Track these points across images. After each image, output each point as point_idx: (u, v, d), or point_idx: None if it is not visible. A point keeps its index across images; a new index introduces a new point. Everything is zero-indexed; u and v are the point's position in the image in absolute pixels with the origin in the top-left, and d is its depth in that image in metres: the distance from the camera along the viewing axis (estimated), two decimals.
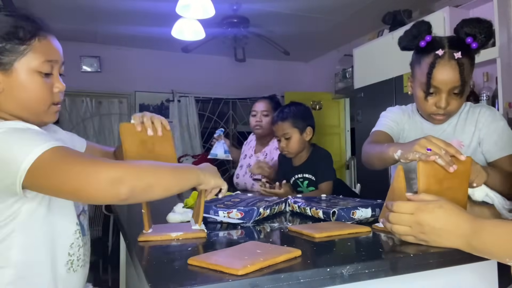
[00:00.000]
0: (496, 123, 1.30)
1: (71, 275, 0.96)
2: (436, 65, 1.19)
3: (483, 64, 2.93)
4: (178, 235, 0.91)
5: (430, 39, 1.23)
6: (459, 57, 1.17)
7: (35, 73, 0.87)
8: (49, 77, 0.91)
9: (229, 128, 5.89)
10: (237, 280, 0.59)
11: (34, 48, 0.86)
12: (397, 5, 3.60)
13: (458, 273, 0.81)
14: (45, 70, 0.88)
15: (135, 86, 5.22)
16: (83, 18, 4.10)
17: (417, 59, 1.29)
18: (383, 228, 0.96)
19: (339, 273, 0.65)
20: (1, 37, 0.83)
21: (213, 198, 1.36)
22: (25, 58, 0.85)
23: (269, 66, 5.89)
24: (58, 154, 0.75)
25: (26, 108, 0.89)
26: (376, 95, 3.68)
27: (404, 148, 1.01)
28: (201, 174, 0.87)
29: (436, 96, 1.25)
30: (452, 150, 0.91)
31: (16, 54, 0.84)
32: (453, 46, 1.20)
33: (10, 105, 0.87)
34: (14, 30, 0.84)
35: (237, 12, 3.91)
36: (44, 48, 0.88)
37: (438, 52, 1.19)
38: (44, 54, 0.88)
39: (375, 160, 1.24)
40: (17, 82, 0.86)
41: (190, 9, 3.02)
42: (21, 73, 0.85)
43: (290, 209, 1.33)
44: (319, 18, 4.23)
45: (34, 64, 0.86)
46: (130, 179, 0.73)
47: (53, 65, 0.90)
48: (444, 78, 1.20)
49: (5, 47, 0.83)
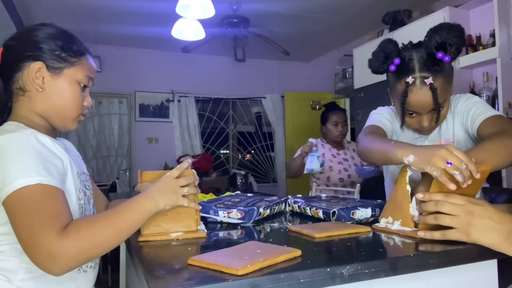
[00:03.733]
0: (468, 101, 1.25)
1: (81, 275, 0.96)
2: (408, 93, 1.15)
3: (483, 64, 2.93)
4: (178, 235, 0.91)
5: (399, 62, 1.18)
6: (431, 83, 1.12)
7: (76, 83, 0.99)
8: (84, 90, 1.02)
9: (229, 128, 5.90)
10: (237, 280, 0.59)
11: (82, 63, 1.00)
12: (397, 5, 3.60)
13: (458, 273, 0.81)
14: (84, 82, 1.01)
15: (135, 86, 5.22)
16: (83, 18, 4.10)
17: (390, 83, 1.25)
18: (383, 228, 0.96)
19: (339, 273, 0.65)
20: (60, 47, 0.97)
21: (212, 198, 1.37)
22: (74, 69, 0.98)
23: (269, 66, 5.89)
24: (34, 196, 0.78)
25: (57, 112, 0.98)
26: (376, 95, 3.68)
27: (419, 155, 0.90)
28: (153, 202, 0.87)
29: (416, 117, 1.21)
30: (472, 166, 0.84)
31: (67, 63, 0.97)
32: (424, 69, 1.14)
33: (43, 105, 0.96)
34: (70, 44, 0.99)
35: (237, 12, 3.91)
36: (88, 65, 1.03)
37: (408, 80, 1.14)
38: (87, 70, 1.01)
39: (376, 156, 1.13)
40: (60, 86, 0.97)
41: (190, 9, 3.02)
42: (66, 80, 0.98)
43: (290, 209, 1.33)
44: (319, 18, 4.24)
45: (79, 76, 0.99)
46: (64, 257, 0.73)
47: (90, 81, 1.03)
48: (418, 103, 1.16)
49: (60, 55, 0.97)
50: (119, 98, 5.18)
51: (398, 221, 0.94)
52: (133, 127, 5.24)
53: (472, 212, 0.80)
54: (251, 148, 6.03)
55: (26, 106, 0.95)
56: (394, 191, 0.97)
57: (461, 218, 0.80)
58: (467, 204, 0.81)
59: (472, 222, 0.79)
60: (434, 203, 0.84)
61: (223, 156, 5.91)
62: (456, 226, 0.81)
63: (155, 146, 5.30)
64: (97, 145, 5.12)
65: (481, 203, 0.82)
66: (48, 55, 0.95)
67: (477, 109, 1.20)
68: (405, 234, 0.89)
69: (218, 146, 5.83)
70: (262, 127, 6.05)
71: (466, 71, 3.10)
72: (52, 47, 0.96)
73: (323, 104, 3.16)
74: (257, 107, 6.01)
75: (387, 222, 0.97)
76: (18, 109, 0.96)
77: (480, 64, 2.95)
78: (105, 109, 5.12)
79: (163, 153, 5.25)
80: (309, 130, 5.64)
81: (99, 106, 5.07)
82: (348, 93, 4.91)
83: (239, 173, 4.99)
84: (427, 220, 0.85)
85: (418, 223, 0.89)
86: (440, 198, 0.84)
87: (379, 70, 1.24)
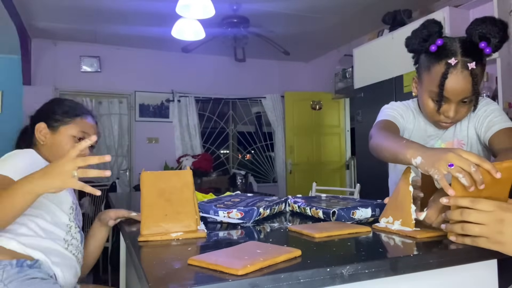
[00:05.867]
0: (486, 106, 1.23)
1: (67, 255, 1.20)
2: (448, 76, 1.10)
3: None
4: (178, 235, 0.91)
5: (442, 43, 1.13)
6: (473, 68, 1.08)
7: (71, 137, 1.29)
8: None
9: (229, 128, 5.90)
10: (237, 280, 0.59)
11: (76, 122, 1.30)
12: (397, 5, 3.60)
13: (458, 273, 0.81)
14: (78, 136, 1.29)
15: (135, 86, 5.22)
16: (83, 18, 4.10)
17: (426, 64, 1.18)
18: (383, 228, 0.96)
19: (339, 273, 0.65)
20: (59, 112, 1.30)
21: (212, 198, 1.37)
22: (68, 126, 1.29)
23: (269, 66, 5.89)
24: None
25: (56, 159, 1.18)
26: (376, 95, 3.69)
27: (426, 157, 0.88)
28: (30, 185, 0.91)
29: (444, 105, 1.16)
30: (487, 165, 0.78)
31: (63, 123, 1.29)
32: (466, 53, 1.10)
33: (46, 152, 1.28)
34: (67, 110, 1.32)
35: (237, 12, 3.91)
36: (84, 124, 1.32)
37: (450, 61, 1.09)
38: (80, 126, 1.31)
39: (386, 154, 1.09)
40: (58, 140, 1.28)
41: (190, 9, 3.02)
42: (62, 135, 1.28)
43: (290, 209, 1.33)
44: (319, 18, 4.24)
45: (73, 131, 1.29)
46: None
47: (85, 135, 1.30)
48: (456, 89, 1.11)
49: (58, 117, 1.30)
50: (119, 98, 5.17)
51: (399, 221, 0.93)
52: (133, 127, 5.24)
53: (503, 220, 0.73)
54: (251, 148, 6.03)
55: (39, 149, 1.29)
56: (396, 191, 0.97)
57: (490, 227, 0.73)
58: (497, 210, 0.74)
59: (503, 230, 0.72)
60: (460, 212, 0.77)
61: (223, 156, 5.91)
62: (486, 236, 0.74)
63: (155, 146, 5.30)
64: (97, 145, 5.11)
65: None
66: (50, 118, 1.29)
67: (494, 117, 1.19)
68: (405, 234, 0.89)
69: (218, 146, 5.83)
70: (262, 127, 6.05)
71: None
72: (53, 112, 1.30)
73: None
74: (257, 107, 6.01)
75: (387, 222, 0.97)
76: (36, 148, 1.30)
77: None
78: (105, 109, 5.12)
79: (163, 153, 5.25)
80: (309, 130, 5.64)
81: (99, 106, 5.07)
82: (348, 93, 4.91)
83: (239, 173, 4.99)
84: (454, 229, 0.79)
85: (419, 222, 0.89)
86: (466, 204, 0.77)
87: (417, 48, 1.19)
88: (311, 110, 5.63)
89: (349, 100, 5.50)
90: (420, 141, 1.31)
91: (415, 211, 0.91)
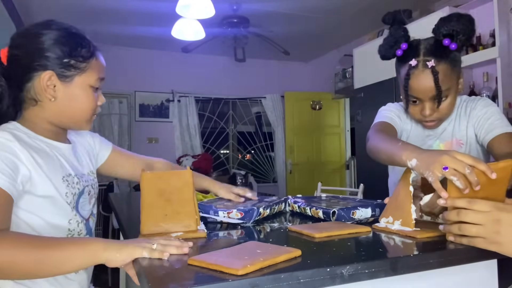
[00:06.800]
0: (487, 108, 1.24)
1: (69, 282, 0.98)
2: (410, 76, 1.16)
3: (483, 64, 2.93)
4: (178, 235, 0.91)
5: (406, 47, 1.19)
6: (432, 66, 1.12)
7: (89, 88, 0.98)
8: (96, 91, 1.01)
9: (229, 128, 5.90)
10: (237, 280, 0.59)
11: (92, 66, 0.97)
12: (397, 5, 3.58)
13: (458, 273, 0.81)
14: (97, 85, 0.99)
15: (135, 86, 5.22)
16: (83, 18, 4.10)
17: (396, 69, 1.26)
18: (383, 228, 0.96)
19: (339, 273, 0.65)
20: (68, 53, 0.93)
21: (212, 198, 1.37)
22: (84, 75, 0.96)
23: (269, 66, 5.89)
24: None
25: (71, 117, 0.98)
26: (376, 95, 3.68)
27: (421, 159, 0.89)
28: (100, 250, 0.73)
29: (419, 104, 1.21)
30: (482, 166, 0.79)
31: (77, 70, 0.95)
32: (428, 53, 1.15)
33: (56, 113, 0.96)
34: (79, 48, 0.95)
35: (237, 12, 3.91)
36: (99, 66, 1.00)
37: (411, 62, 1.15)
38: (98, 72, 1.00)
39: (383, 156, 1.11)
40: (73, 93, 0.96)
41: (190, 9, 3.02)
42: (78, 86, 0.96)
43: (290, 209, 1.33)
44: (319, 18, 4.24)
45: (90, 80, 0.97)
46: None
47: (101, 83, 1.02)
48: (419, 88, 1.16)
49: (69, 63, 0.94)
50: (119, 98, 5.17)
51: (399, 221, 0.93)
52: (133, 127, 5.24)
53: (499, 220, 0.73)
54: (251, 148, 6.03)
55: (38, 114, 0.95)
56: (396, 191, 0.97)
57: (487, 227, 0.74)
58: (493, 211, 0.75)
59: (500, 231, 0.73)
60: (457, 213, 0.78)
61: (223, 156, 5.91)
62: (483, 236, 0.75)
63: (155, 146, 5.30)
64: None
65: (510, 209, 0.75)
66: (57, 63, 0.92)
67: (495, 120, 1.20)
68: (405, 234, 0.88)
69: (218, 146, 5.84)
70: (262, 127, 6.05)
71: (466, 71, 3.10)
72: (59, 55, 0.92)
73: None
74: (257, 107, 6.01)
75: (387, 222, 0.97)
76: (28, 115, 0.95)
77: (480, 64, 2.95)
78: (105, 109, 5.11)
79: (163, 153, 5.24)
80: (309, 130, 5.64)
81: None
82: (348, 93, 4.91)
83: (239, 173, 4.99)
84: (452, 230, 0.80)
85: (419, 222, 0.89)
86: (463, 205, 0.77)
87: (386, 54, 1.25)
88: (311, 110, 5.64)
89: (349, 100, 5.50)
90: (418, 141, 1.31)
91: (415, 211, 0.91)
